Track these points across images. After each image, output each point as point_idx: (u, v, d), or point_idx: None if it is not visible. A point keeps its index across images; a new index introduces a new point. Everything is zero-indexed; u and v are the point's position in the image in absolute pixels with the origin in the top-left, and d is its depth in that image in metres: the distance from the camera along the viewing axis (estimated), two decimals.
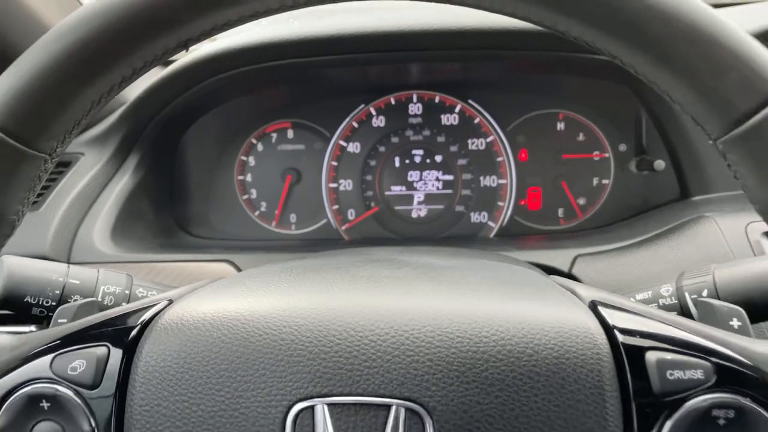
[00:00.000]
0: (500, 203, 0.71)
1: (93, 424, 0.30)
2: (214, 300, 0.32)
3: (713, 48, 0.26)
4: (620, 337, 0.29)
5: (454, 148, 0.71)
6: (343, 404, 0.28)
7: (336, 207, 0.72)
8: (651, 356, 0.29)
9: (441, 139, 0.71)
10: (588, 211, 0.71)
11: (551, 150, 0.71)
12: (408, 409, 0.27)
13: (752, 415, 0.28)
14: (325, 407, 0.28)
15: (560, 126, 0.71)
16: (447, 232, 0.71)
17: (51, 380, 0.31)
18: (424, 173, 0.72)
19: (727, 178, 0.62)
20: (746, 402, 0.28)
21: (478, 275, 0.36)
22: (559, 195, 0.71)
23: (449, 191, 0.72)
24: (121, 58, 0.30)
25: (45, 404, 0.31)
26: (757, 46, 0.27)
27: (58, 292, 0.40)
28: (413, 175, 0.72)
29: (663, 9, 0.27)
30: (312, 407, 0.28)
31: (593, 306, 0.31)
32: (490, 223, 0.71)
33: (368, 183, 0.72)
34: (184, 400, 0.29)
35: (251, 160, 0.74)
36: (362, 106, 0.71)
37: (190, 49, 0.52)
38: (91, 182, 0.64)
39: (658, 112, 0.61)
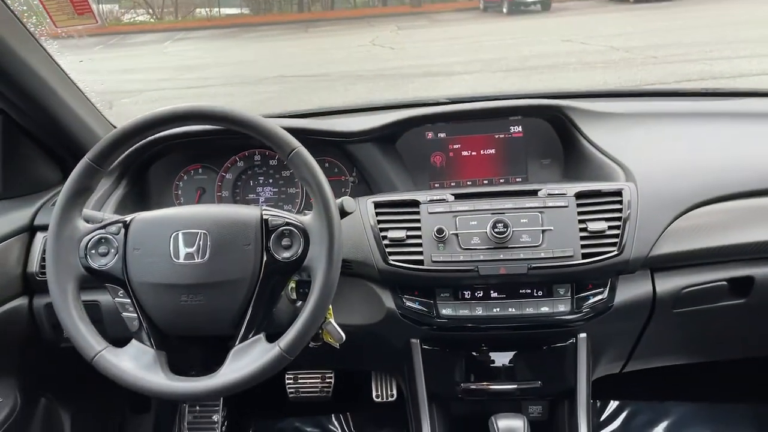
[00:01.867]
0: (297, 200, 1.51)
1: (117, 245, 1.08)
2: (153, 213, 1.11)
3: (267, 132, 1.05)
4: (264, 216, 1.08)
5: (277, 176, 1.52)
6: (185, 233, 1.06)
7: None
8: (270, 220, 1.08)
9: (271, 171, 1.52)
10: None
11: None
12: (203, 234, 1.06)
13: (295, 232, 1.07)
14: (180, 233, 1.06)
15: (326, 165, 1.52)
16: None
17: (105, 233, 1.09)
18: (266, 188, 1.52)
19: (385, 183, 1.42)
20: (292, 229, 1.07)
21: (227, 206, 1.16)
22: None
23: (276, 196, 1.52)
24: (140, 138, 1.09)
25: (103, 240, 1.09)
26: (275, 126, 1.06)
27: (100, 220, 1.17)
28: (259, 189, 1.52)
29: (256, 123, 1.06)
30: (177, 234, 1.06)
31: (262, 209, 1.10)
32: (294, 210, 1.51)
33: (237, 193, 1.52)
34: (146, 237, 1.07)
35: (181, 184, 1.53)
36: (232, 156, 1.52)
37: None
38: (105, 192, 1.42)
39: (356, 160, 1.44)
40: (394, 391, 1.83)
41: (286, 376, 1.85)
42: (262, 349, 1.03)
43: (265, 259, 1.05)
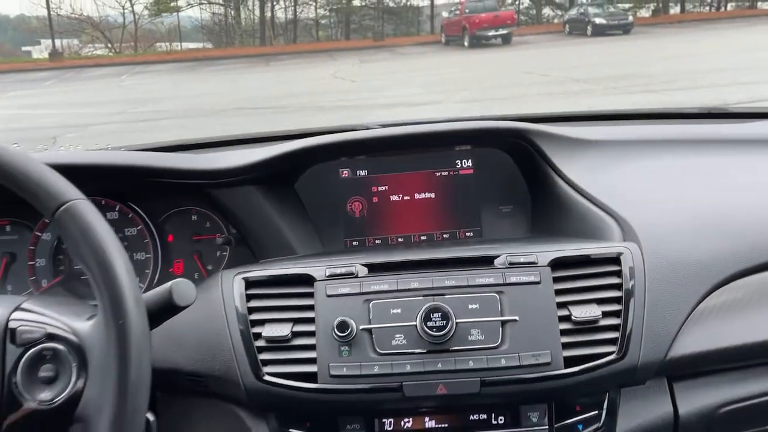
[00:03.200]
0: (147, 270, 1.03)
1: None
2: None
3: (17, 177, 0.60)
4: (10, 323, 0.61)
5: (120, 235, 1.04)
6: None
7: (33, 278, 1.03)
8: (19, 331, 0.61)
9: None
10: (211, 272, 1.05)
11: (188, 233, 1.05)
12: None
13: (63, 352, 0.60)
14: None
15: (194, 217, 1.06)
16: None
17: None
18: None
19: (274, 245, 0.97)
20: (58, 347, 0.60)
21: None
22: (194, 264, 1.05)
23: None
24: None
25: None
26: (36, 166, 0.61)
27: None
28: None
29: (21, 170, 0.61)
30: None
31: (12, 309, 0.63)
32: (143, 287, 1.03)
33: (59, 260, 1.04)
34: None
35: None
36: None
37: None
38: None
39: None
40: None
41: None
42: None
43: (6, 403, 0.59)
